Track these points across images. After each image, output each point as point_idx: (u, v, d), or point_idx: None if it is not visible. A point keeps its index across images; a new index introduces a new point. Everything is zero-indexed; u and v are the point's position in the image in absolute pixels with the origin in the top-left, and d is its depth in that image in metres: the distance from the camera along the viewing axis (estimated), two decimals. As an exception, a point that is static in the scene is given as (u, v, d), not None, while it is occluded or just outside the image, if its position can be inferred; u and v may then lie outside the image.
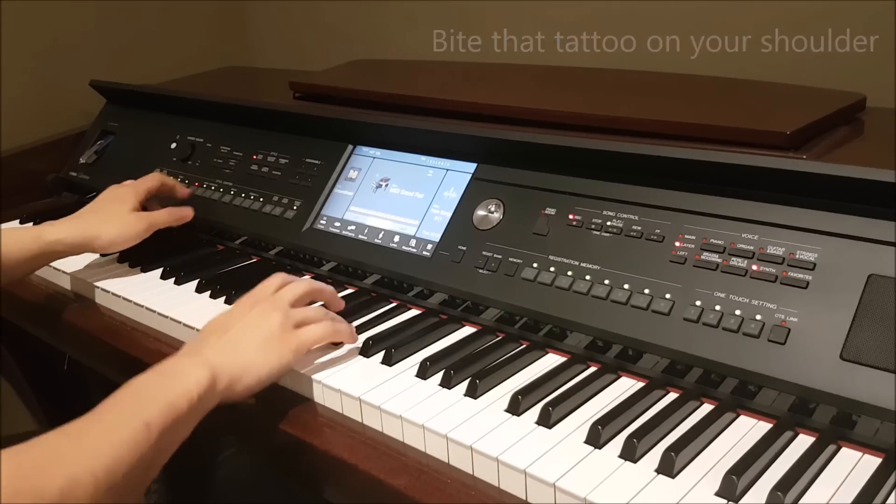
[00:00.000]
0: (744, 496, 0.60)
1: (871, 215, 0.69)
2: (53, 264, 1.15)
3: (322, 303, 0.89)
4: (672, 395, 0.73)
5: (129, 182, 1.14)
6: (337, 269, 1.04)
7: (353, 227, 1.03)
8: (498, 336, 0.86)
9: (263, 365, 0.76)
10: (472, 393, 0.75)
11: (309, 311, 0.83)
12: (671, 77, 1.12)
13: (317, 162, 1.12)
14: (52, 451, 0.59)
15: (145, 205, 1.12)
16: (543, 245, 0.86)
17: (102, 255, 1.12)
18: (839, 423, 0.66)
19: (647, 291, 0.77)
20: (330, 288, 0.90)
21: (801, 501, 0.59)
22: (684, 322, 0.74)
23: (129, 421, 0.64)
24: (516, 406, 0.72)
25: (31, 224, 1.31)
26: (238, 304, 0.83)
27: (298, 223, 1.08)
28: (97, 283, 1.06)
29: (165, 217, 1.10)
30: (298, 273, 1.05)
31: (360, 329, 0.89)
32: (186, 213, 1.13)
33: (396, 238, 0.98)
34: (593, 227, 0.84)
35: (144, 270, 1.09)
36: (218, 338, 0.77)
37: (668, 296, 0.76)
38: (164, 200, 1.16)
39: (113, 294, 1.03)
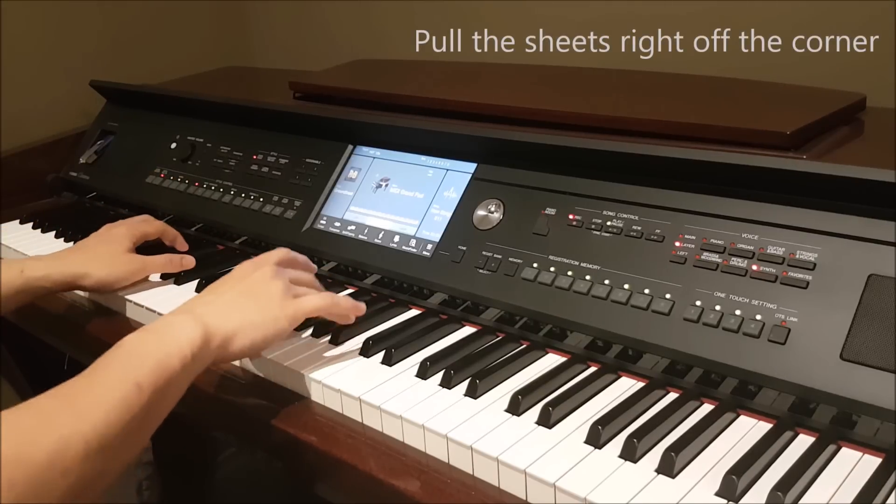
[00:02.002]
0: (744, 496, 0.60)
1: (871, 215, 0.69)
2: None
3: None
4: (672, 395, 0.73)
5: (126, 221, 1.10)
6: (337, 269, 1.04)
7: (353, 227, 1.03)
8: (498, 336, 0.86)
9: (258, 326, 0.75)
10: (472, 393, 0.75)
11: (310, 288, 0.83)
12: (671, 77, 1.12)
13: (317, 162, 1.12)
14: (42, 414, 0.58)
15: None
16: (543, 245, 0.86)
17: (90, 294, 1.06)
18: (839, 423, 0.66)
19: (647, 291, 0.77)
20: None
21: (801, 501, 0.59)
22: (684, 322, 0.74)
23: (119, 381, 0.63)
24: (516, 406, 0.72)
25: (30, 224, 1.31)
26: (240, 267, 0.82)
27: (298, 223, 1.08)
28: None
29: (161, 264, 1.05)
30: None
31: (360, 329, 0.89)
32: (187, 263, 1.06)
33: (396, 238, 0.98)
34: (593, 227, 0.84)
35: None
36: (215, 297, 0.77)
37: (668, 296, 0.76)
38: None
39: (114, 294, 1.03)
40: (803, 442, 0.66)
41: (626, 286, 0.79)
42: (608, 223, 0.83)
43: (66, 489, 0.56)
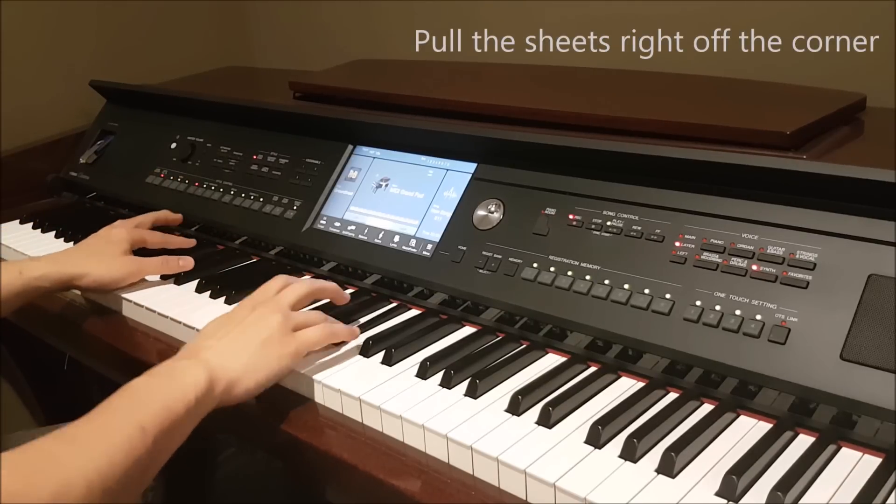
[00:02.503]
0: (744, 496, 0.60)
1: (871, 215, 0.69)
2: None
3: (328, 300, 0.90)
4: (672, 395, 0.73)
5: (126, 223, 1.11)
6: (337, 269, 1.04)
7: (353, 227, 1.03)
8: (498, 336, 0.86)
9: (262, 368, 0.76)
10: (472, 393, 0.75)
11: (309, 315, 0.83)
12: (671, 77, 1.12)
13: (317, 162, 1.12)
14: (46, 454, 0.59)
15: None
16: (543, 245, 0.86)
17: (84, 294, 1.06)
18: (839, 423, 0.66)
19: (647, 291, 0.77)
20: (332, 285, 0.90)
21: (801, 501, 0.59)
22: (684, 322, 0.74)
23: (124, 424, 0.63)
24: (516, 406, 0.72)
25: (30, 224, 1.31)
26: (238, 307, 0.83)
27: (298, 223, 1.08)
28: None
29: (158, 266, 1.05)
30: (298, 273, 1.05)
31: (360, 329, 0.89)
32: (185, 264, 1.06)
33: (396, 238, 0.98)
34: (593, 227, 0.84)
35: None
36: (217, 340, 0.77)
37: (668, 296, 0.76)
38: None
39: (113, 294, 1.03)
40: (803, 442, 0.66)
41: (626, 286, 0.79)
42: (608, 223, 0.83)
43: None
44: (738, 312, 0.72)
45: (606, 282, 0.80)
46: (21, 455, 0.57)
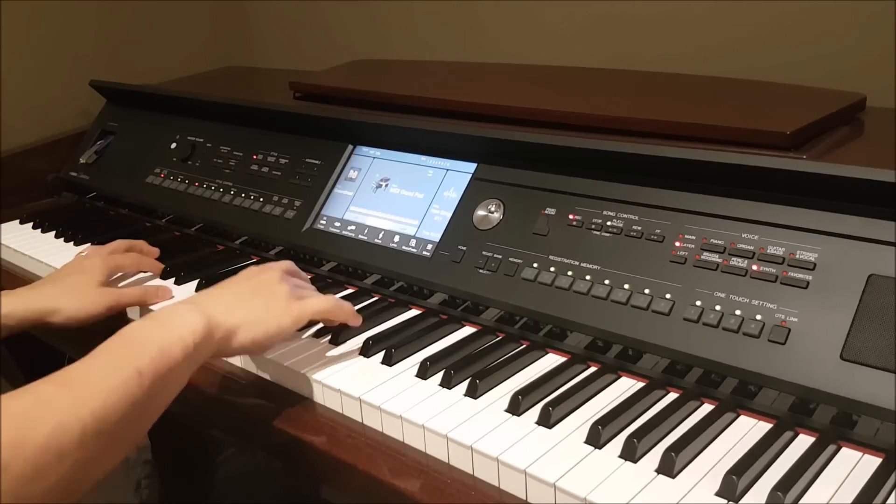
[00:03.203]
0: (744, 496, 0.60)
1: (871, 215, 0.69)
2: (45, 259, 1.15)
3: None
4: (672, 395, 0.73)
5: (98, 249, 1.05)
6: (337, 269, 1.04)
7: (353, 227, 1.03)
8: (498, 336, 0.86)
9: (261, 323, 0.75)
10: (473, 393, 0.75)
11: (315, 293, 0.83)
12: (671, 77, 1.12)
13: (317, 162, 1.12)
14: (40, 398, 0.58)
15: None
16: (543, 245, 0.86)
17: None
18: (839, 423, 0.66)
19: (647, 291, 0.77)
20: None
21: (801, 501, 0.59)
22: (684, 322, 0.74)
23: (119, 367, 0.62)
24: (516, 406, 0.72)
25: (30, 224, 1.31)
26: (247, 269, 0.83)
27: (298, 223, 1.08)
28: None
29: (136, 296, 0.98)
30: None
31: (361, 329, 0.89)
32: (163, 294, 0.99)
33: (396, 238, 0.98)
34: (593, 227, 0.84)
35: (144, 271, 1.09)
36: (220, 291, 0.77)
37: (668, 296, 0.76)
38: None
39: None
40: (803, 442, 0.66)
41: (626, 286, 0.79)
42: (608, 223, 0.83)
43: (63, 473, 0.56)
44: (738, 312, 0.72)
45: (606, 282, 0.80)
46: (14, 399, 0.57)
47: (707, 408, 0.71)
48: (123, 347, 0.65)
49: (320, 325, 0.89)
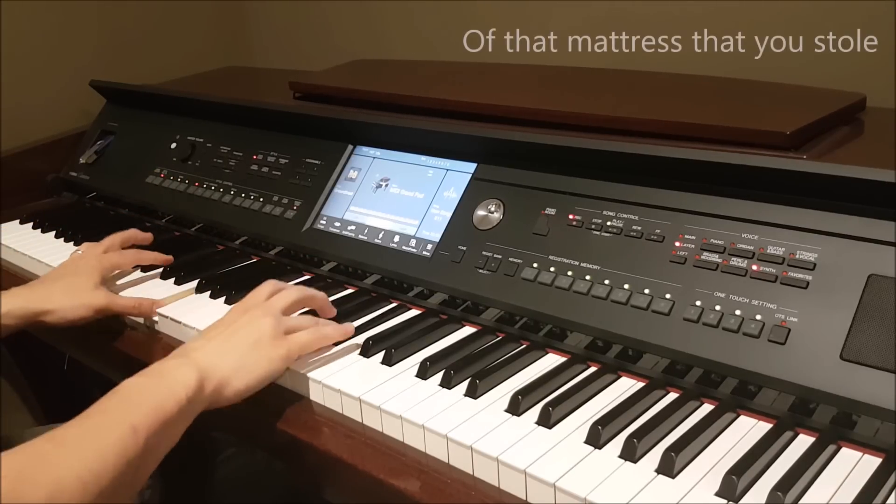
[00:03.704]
0: (744, 496, 0.60)
1: (871, 215, 0.69)
2: (45, 259, 1.15)
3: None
4: (672, 395, 0.73)
5: (94, 246, 1.05)
6: (337, 269, 1.04)
7: (353, 227, 1.03)
8: (498, 336, 0.86)
9: (253, 369, 0.76)
10: (472, 393, 0.75)
11: (300, 319, 0.84)
12: (671, 77, 1.12)
13: (317, 162, 1.12)
14: (38, 456, 0.59)
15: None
16: (543, 245, 0.86)
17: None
18: (839, 423, 0.66)
19: (647, 291, 0.77)
20: (321, 294, 0.89)
21: (801, 501, 0.59)
22: (684, 322, 0.74)
23: (115, 424, 0.63)
24: (516, 406, 0.72)
25: (30, 224, 1.31)
26: (230, 312, 0.83)
27: (298, 223, 1.08)
28: (97, 283, 1.05)
29: (129, 306, 0.97)
30: (298, 273, 1.05)
31: (361, 329, 0.89)
32: (158, 305, 0.98)
33: (396, 238, 0.98)
34: (593, 227, 0.84)
35: (144, 270, 1.09)
36: (207, 341, 0.77)
37: (668, 296, 0.76)
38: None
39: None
40: (803, 442, 0.66)
41: (626, 286, 0.79)
42: (608, 223, 0.83)
43: None
44: (738, 312, 0.72)
45: (606, 282, 0.80)
46: (12, 457, 0.57)
47: (707, 408, 0.71)
48: (118, 405, 0.66)
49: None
